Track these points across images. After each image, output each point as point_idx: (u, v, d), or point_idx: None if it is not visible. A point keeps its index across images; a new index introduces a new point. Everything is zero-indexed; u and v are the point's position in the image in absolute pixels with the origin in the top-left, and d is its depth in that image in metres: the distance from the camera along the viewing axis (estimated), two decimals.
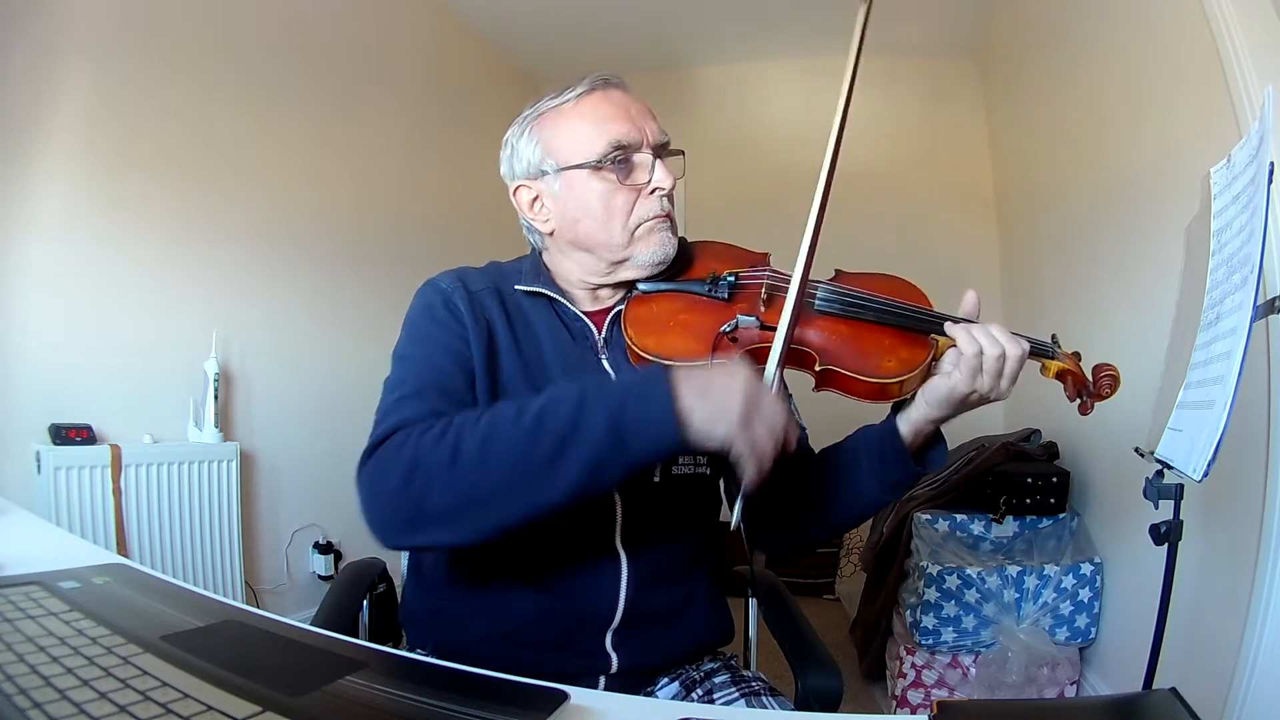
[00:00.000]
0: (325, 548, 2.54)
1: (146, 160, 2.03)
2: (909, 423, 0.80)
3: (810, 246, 0.74)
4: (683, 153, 0.89)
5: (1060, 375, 0.83)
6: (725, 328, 0.81)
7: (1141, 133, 1.89)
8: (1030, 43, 2.81)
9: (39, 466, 1.75)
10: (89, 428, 1.87)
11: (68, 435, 1.82)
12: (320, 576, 2.54)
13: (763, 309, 0.83)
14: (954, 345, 0.76)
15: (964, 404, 0.77)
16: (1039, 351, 0.81)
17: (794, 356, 0.81)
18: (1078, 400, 0.83)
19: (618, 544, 0.84)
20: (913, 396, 0.80)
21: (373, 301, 2.73)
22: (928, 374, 0.79)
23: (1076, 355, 0.84)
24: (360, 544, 1.67)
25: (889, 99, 3.58)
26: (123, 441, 1.93)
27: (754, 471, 0.65)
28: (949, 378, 0.76)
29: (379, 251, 2.87)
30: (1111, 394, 0.82)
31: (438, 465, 0.68)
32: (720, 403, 0.64)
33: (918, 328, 0.81)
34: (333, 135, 2.68)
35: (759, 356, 0.77)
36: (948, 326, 0.78)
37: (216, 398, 2.14)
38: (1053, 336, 0.84)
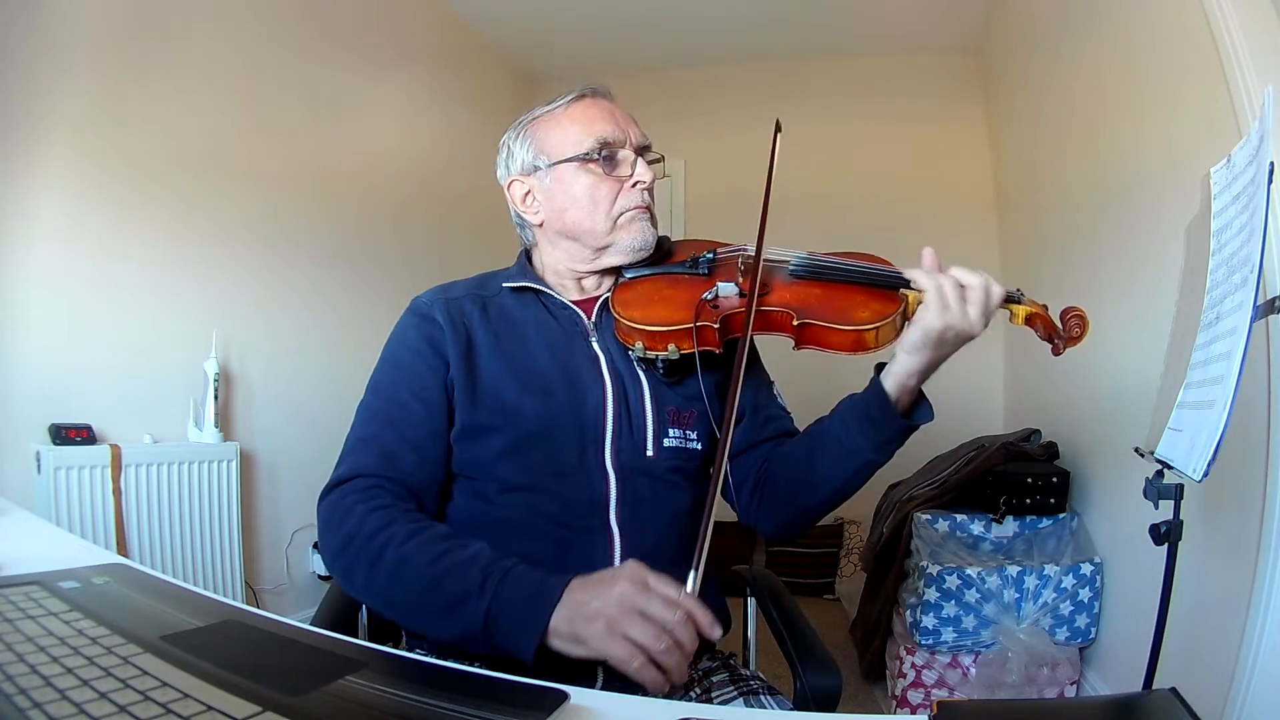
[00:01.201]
0: None
1: (146, 160, 2.03)
2: (892, 377, 0.84)
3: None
4: (663, 157, 0.97)
5: (1029, 320, 0.87)
6: (707, 295, 0.88)
7: (1142, 133, 1.88)
8: (1031, 43, 2.81)
9: (39, 466, 1.75)
10: (89, 428, 1.87)
11: (68, 435, 1.82)
12: (320, 576, 2.54)
13: (741, 278, 0.89)
14: (922, 299, 0.81)
15: (940, 341, 0.80)
16: (1005, 298, 0.85)
17: (771, 319, 0.87)
18: (1050, 343, 0.87)
19: (611, 521, 0.86)
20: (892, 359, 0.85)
21: (372, 301, 2.73)
22: (900, 328, 0.84)
23: (1044, 306, 0.88)
24: None
25: (889, 99, 3.57)
26: (123, 441, 1.93)
27: (649, 679, 0.63)
28: (919, 319, 0.80)
29: (378, 251, 2.88)
30: (1081, 335, 0.85)
31: (361, 560, 0.77)
32: (582, 624, 0.66)
33: (887, 284, 0.87)
34: (333, 135, 2.68)
35: (739, 322, 0.84)
36: (906, 272, 0.84)
37: (216, 398, 2.14)
38: (1018, 289, 0.88)
